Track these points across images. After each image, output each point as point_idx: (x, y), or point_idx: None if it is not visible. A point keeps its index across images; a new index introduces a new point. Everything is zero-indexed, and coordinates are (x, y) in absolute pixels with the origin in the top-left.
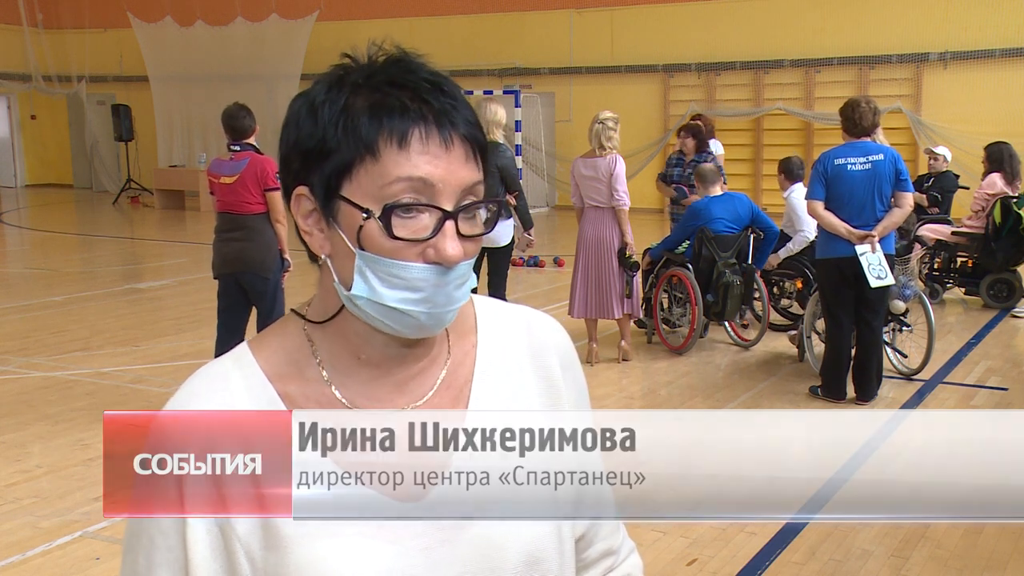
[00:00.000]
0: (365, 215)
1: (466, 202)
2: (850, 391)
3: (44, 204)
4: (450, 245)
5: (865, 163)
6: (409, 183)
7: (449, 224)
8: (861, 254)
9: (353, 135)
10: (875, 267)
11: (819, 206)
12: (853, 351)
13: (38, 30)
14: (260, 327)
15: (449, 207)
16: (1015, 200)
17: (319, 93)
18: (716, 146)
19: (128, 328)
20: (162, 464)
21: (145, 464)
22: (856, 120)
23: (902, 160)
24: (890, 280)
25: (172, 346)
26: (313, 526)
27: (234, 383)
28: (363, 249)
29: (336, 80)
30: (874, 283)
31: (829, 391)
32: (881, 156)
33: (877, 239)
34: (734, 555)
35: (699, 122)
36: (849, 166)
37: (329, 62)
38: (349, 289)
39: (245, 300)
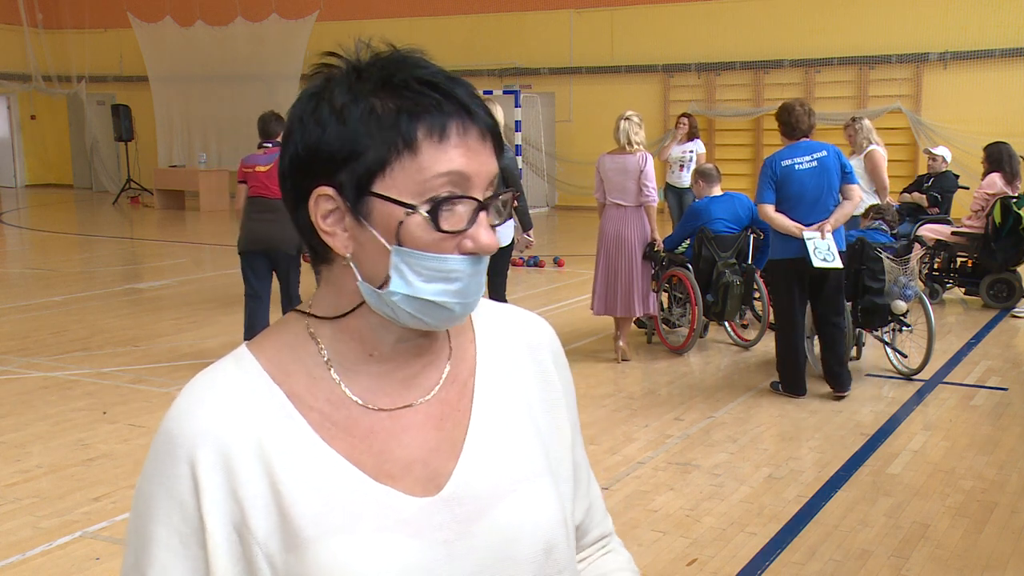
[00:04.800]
0: (408, 211)
1: (492, 192)
2: (826, 387)
3: (44, 204)
4: (485, 234)
5: (811, 161)
6: (448, 177)
7: (483, 214)
8: (808, 239)
9: (389, 134)
10: (821, 250)
11: (770, 209)
12: (817, 349)
13: (38, 30)
14: (284, 300)
15: (481, 198)
16: (1015, 200)
17: (339, 95)
18: (698, 145)
19: (128, 328)
20: (176, 468)
21: (160, 471)
22: (793, 124)
23: (843, 154)
24: (837, 264)
25: (172, 346)
26: (332, 525)
27: (239, 384)
28: (400, 245)
29: (351, 80)
30: (817, 263)
31: (789, 387)
32: (825, 153)
33: (829, 228)
34: (734, 555)
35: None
36: (797, 166)
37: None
38: (379, 286)
39: (269, 274)
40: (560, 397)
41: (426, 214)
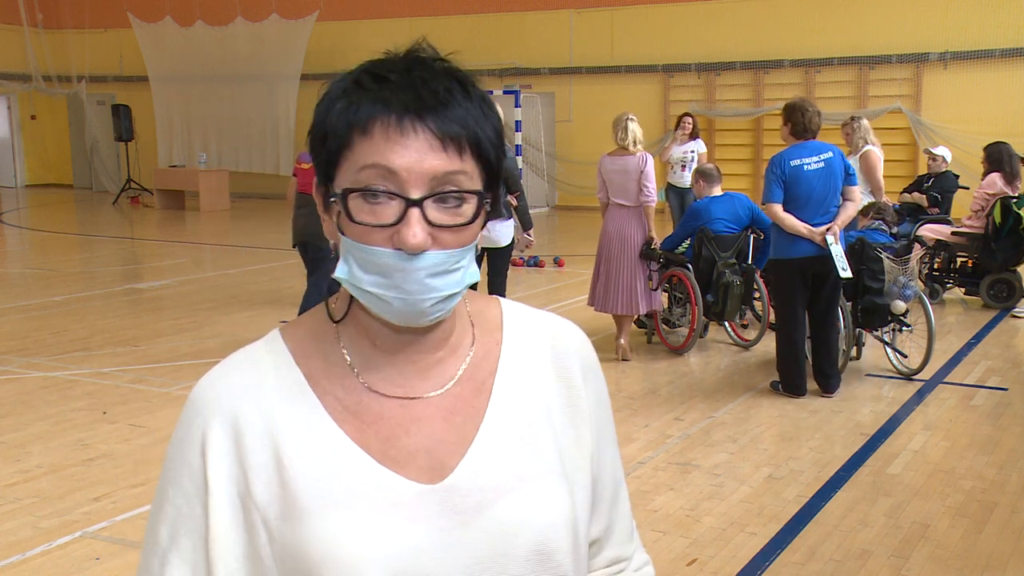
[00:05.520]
0: (332, 200)
1: (438, 191)
2: (812, 385)
3: (44, 204)
4: (411, 232)
5: (819, 162)
6: (375, 170)
7: (413, 211)
8: (831, 245)
9: (335, 125)
10: (840, 259)
11: (778, 208)
12: (809, 348)
13: (38, 30)
14: (306, 291)
15: (417, 195)
16: (1015, 200)
17: (329, 86)
18: (699, 145)
19: (128, 328)
20: (191, 433)
21: (179, 435)
22: (806, 124)
23: (845, 156)
24: (850, 274)
25: (172, 346)
26: (330, 499)
27: (263, 362)
28: (344, 234)
29: (345, 75)
30: (843, 275)
31: (789, 387)
32: (830, 154)
33: (837, 230)
34: (734, 555)
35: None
36: (805, 166)
37: (329, 62)
38: None
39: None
40: (584, 406)
41: (340, 204)
